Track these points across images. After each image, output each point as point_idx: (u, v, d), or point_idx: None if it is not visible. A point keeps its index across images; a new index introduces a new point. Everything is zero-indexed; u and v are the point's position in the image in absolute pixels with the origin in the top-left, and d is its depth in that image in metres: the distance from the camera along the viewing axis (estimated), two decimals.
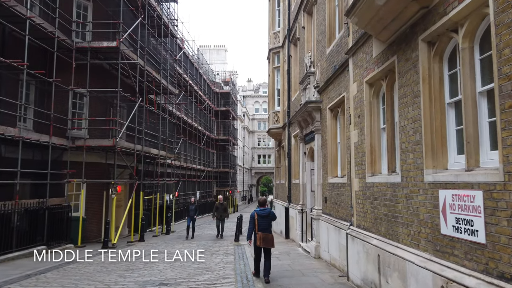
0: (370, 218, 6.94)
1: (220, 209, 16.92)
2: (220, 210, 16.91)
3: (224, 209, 17.04)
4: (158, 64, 20.64)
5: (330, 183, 10.14)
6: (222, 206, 17.05)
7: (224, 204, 17.18)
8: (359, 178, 7.51)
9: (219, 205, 17.04)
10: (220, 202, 17.21)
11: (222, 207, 17.00)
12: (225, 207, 17.22)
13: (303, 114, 12.28)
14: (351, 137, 8.06)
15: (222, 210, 16.96)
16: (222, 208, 16.99)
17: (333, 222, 9.59)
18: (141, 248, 13.91)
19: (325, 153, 10.73)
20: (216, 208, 16.98)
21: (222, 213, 16.96)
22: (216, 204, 17.18)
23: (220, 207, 16.97)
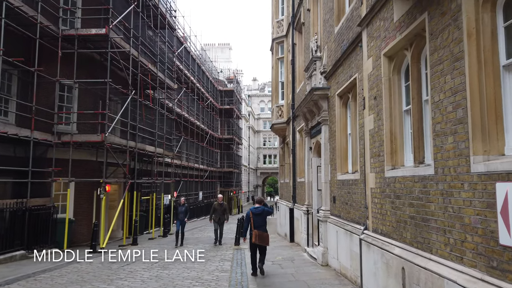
0: (390, 221, 5.63)
1: (218, 211, 14.50)
2: (218, 212, 14.49)
3: (223, 210, 14.55)
4: (154, 57, 19.47)
5: (340, 180, 8.84)
6: (222, 207, 14.59)
7: (223, 205, 14.68)
8: (376, 172, 6.21)
9: (217, 206, 14.63)
10: (219, 202, 14.74)
11: (221, 208, 14.55)
12: (225, 208, 14.60)
13: (308, 104, 11.00)
14: (365, 124, 6.76)
15: (221, 212, 14.50)
16: (221, 209, 14.53)
17: (343, 225, 8.28)
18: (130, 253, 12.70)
19: (334, 146, 9.43)
20: (214, 209, 14.67)
21: (221, 215, 14.50)
22: (214, 204, 14.84)
23: (218, 209, 14.55)
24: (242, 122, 57.33)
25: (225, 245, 14.89)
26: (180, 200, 15.64)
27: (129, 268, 9.93)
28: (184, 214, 14.85)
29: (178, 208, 15.02)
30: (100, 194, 13.48)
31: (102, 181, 13.61)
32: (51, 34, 13.66)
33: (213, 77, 42.43)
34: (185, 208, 15.00)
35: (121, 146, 14.93)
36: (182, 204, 15.13)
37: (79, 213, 14.98)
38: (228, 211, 14.84)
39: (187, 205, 15.59)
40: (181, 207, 14.96)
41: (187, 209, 15.25)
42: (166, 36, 22.44)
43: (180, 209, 14.87)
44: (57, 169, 13.40)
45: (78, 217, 14.91)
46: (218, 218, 14.55)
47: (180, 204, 15.23)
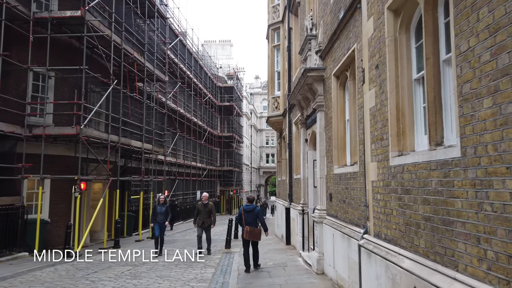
0: (397, 224, 4.30)
1: (203, 213, 11.75)
2: (203, 214, 11.73)
3: (208, 212, 11.73)
4: (142, 46, 18.22)
5: (337, 174, 7.51)
6: (206, 208, 11.76)
7: (209, 206, 11.84)
8: (378, 161, 4.87)
9: (201, 207, 11.82)
10: (204, 203, 11.89)
11: (205, 209, 11.75)
12: (210, 209, 11.80)
13: (303, 90, 9.67)
14: (365, 102, 5.42)
15: (206, 214, 11.74)
16: (206, 211, 11.75)
17: (340, 227, 6.95)
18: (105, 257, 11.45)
19: (330, 136, 8.10)
20: (197, 211, 11.87)
21: (206, 218, 11.72)
22: (197, 205, 12.08)
23: (203, 210, 11.75)
24: (243, 120, 56.04)
25: (214, 248, 13.59)
26: (159, 197, 12.55)
27: (94, 276, 8.64)
28: (165, 216, 12.03)
29: (157, 208, 12.14)
30: (75, 192, 12.22)
31: (76, 178, 12.34)
32: (22, 17, 12.43)
33: (212, 73, 41.16)
34: (166, 208, 12.17)
35: (100, 140, 13.66)
36: (162, 203, 12.28)
37: (55, 213, 13.75)
38: (215, 212, 12.05)
39: (168, 205, 12.76)
40: (160, 206, 12.15)
41: (169, 210, 12.30)
42: (156, 25, 21.21)
43: (160, 209, 12.08)
44: (28, 165, 12.16)
45: (55, 218, 13.69)
46: (202, 221, 11.74)
47: (159, 203, 12.34)
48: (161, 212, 12.01)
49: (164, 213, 12.08)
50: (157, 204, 12.38)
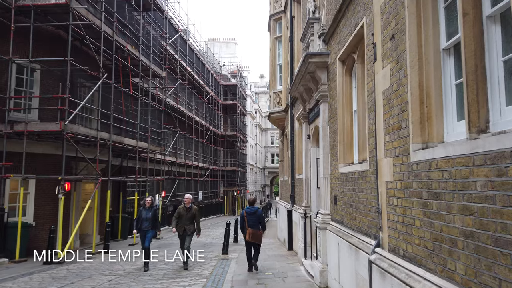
0: (421, 238, 3.26)
1: (184, 218, 9.81)
2: (184, 220, 9.80)
3: (191, 218, 9.90)
4: (137, 39, 17.31)
5: (342, 173, 6.48)
6: (189, 213, 9.87)
7: (192, 211, 9.94)
8: (394, 156, 3.84)
9: (183, 210, 9.90)
10: (186, 206, 9.93)
11: (188, 214, 9.85)
12: (194, 214, 9.96)
13: (305, 79, 8.65)
14: (377, 84, 4.39)
15: (188, 220, 9.84)
16: (189, 216, 9.85)
17: (346, 235, 5.93)
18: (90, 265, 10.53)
19: (335, 129, 7.08)
20: (178, 214, 9.91)
21: (188, 225, 9.83)
22: (178, 209, 10.08)
23: (185, 215, 9.83)
24: (248, 119, 55.10)
25: (211, 253, 12.62)
26: (145, 200, 10.23)
27: None
28: (151, 222, 9.86)
29: (142, 212, 9.94)
30: (59, 193, 11.30)
31: (60, 178, 11.42)
32: (3, 5, 11.57)
33: (215, 71, 40.24)
34: (153, 213, 9.98)
35: (89, 138, 12.74)
36: (147, 207, 9.99)
37: (41, 216, 12.87)
38: (199, 218, 10.20)
39: (156, 209, 10.48)
40: (146, 211, 9.91)
41: (157, 215, 10.26)
42: (154, 19, 20.31)
43: (145, 214, 9.87)
44: (8, 164, 11.28)
45: (40, 221, 12.81)
46: (183, 228, 9.81)
47: (144, 206, 10.05)
48: (146, 218, 9.86)
49: (150, 219, 9.88)
50: (142, 208, 10.14)
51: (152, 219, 9.94)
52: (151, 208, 10.12)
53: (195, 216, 10.02)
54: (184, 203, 10.08)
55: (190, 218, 9.93)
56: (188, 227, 9.88)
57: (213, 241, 16.88)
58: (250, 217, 9.44)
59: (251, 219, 9.41)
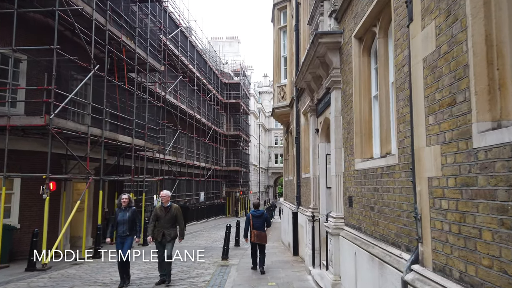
0: (496, 259, 2.25)
1: (163, 221, 7.93)
2: (163, 223, 7.92)
3: (171, 220, 7.96)
4: (133, 31, 16.37)
5: (359, 170, 5.48)
6: (168, 214, 7.97)
7: (172, 211, 8.02)
8: (443, 143, 2.83)
9: (161, 211, 8.01)
10: (165, 206, 8.04)
11: (167, 216, 7.95)
12: (175, 215, 8.03)
13: (313, 65, 7.66)
14: (414, 52, 3.37)
15: (168, 223, 7.93)
16: (168, 218, 7.94)
17: (365, 244, 4.92)
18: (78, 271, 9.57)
19: (349, 119, 6.07)
20: (155, 216, 8.06)
21: (168, 228, 7.92)
22: (155, 209, 8.22)
23: (163, 217, 7.95)
24: (251, 119, 54.18)
25: (209, 259, 11.64)
26: (121, 198, 8.13)
27: None
28: (129, 225, 7.82)
29: (118, 214, 7.97)
30: (43, 193, 10.36)
31: (45, 176, 10.48)
32: None
33: (217, 69, 39.28)
34: (131, 213, 7.90)
35: (78, 133, 11.79)
36: (125, 208, 7.95)
37: (26, 217, 11.95)
38: (182, 219, 8.25)
39: (135, 209, 8.25)
40: (123, 212, 7.90)
41: (136, 216, 8.08)
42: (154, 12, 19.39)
43: (121, 216, 7.84)
44: None
45: (26, 223, 11.89)
46: (161, 233, 7.87)
47: (121, 207, 8.01)
48: (123, 221, 7.77)
49: (128, 221, 7.78)
50: (118, 209, 8.16)
51: (130, 222, 7.87)
52: (129, 208, 8.02)
53: (176, 217, 8.06)
54: (162, 201, 8.08)
55: (170, 220, 7.96)
56: (168, 231, 7.92)
57: (213, 244, 15.92)
58: (256, 220, 9.54)
59: (257, 222, 9.50)
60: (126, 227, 7.84)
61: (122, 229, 7.82)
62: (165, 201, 8.11)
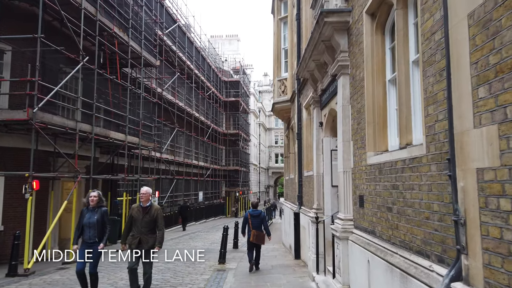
0: None
1: (140, 224, 6.42)
2: (140, 227, 6.40)
3: (149, 223, 6.44)
4: (127, 23, 15.64)
5: (373, 165, 4.75)
6: (147, 216, 6.45)
7: (153, 212, 6.50)
8: (502, 122, 2.09)
9: (138, 213, 6.48)
10: (143, 206, 6.53)
11: (145, 218, 6.44)
12: (155, 216, 6.49)
13: (317, 51, 6.92)
14: (452, 10, 2.62)
15: (145, 227, 6.41)
16: (146, 221, 6.43)
17: (382, 251, 4.18)
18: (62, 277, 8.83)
19: (360, 108, 5.33)
20: (131, 220, 6.53)
21: (145, 234, 6.40)
22: (132, 209, 6.67)
23: (140, 219, 6.43)
24: (251, 118, 53.46)
25: (205, 262, 10.91)
26: (88, 195, 6.72)
27: None
28: (98, 230, 6.48)
29: (86, 215, 6.54)
30: (25, 192, 9.63)
31: (27, 175, 9.75)
32: None
33: (216, 67, 38.55)
34: (100, 216, 6.53)
35: (65, 129, 11.06)
36: (93, 207, 6.57)
37: (11, 218, 11.23)
38: (163, 222, 6.68)
39: (106, 209, 6.85)
40: (91, 213, 6.52)
41: (106, 218, 6.70)
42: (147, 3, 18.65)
43: (89, 217, 6.48)
44: None
45: (10, 225, 11.17)
46: (137, 240, 6.32)
47: (89, 207, 6.61)
48: (90, 223, 6.40)
49: (96, 224, 6.42)
50: (84, 209, 6.68)
51: (99, 226, 6.45)
52: (98, 209, 6.53)
53: (156, 220, 6.46)
54: (140, 200, 6.56)
55: (149, 223, 6.37)
56: (146, 237, 6.31)
57: (211, 246, 15.17)
58: (254, 219, 9.68)
59: (255, 221, 9.65)
60: (94, 232, 6.40)
61: (89, 234, 6.41)
62: (144, 199, 6.52)
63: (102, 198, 6.82)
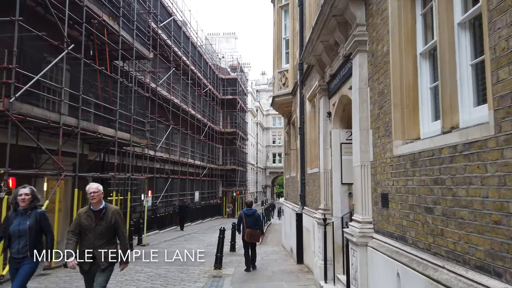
0: None
1: (93, 234, 4.68)
2: (92, 238, 4.67)
3: (106, 232, 4.74)
4: (117, 11, 14.72)
5: (403, 155, 3.87)
6: (104, 221, 4.73)
7: (111, 217, 4.75)
8: None
9: (88, 218, 4.70)
10: (95, 208, 4.76)
11: (102, 226, 4.71)
12: (113, 224, 4.76)
13: (327, 29, 6.05)
14: None
15: (99, 236, 4.68)
16: (102, 228, 4.71)
17: (421, 263, 3.29)
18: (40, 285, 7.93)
19: (382, 89, 4.46)
20: (77, 226, 4.71)
21: (101, 246, 4.66)
22: (78, 215, 4.87)
23: (92, 227, 4.68)
24: (249, 117, 52.57)
25: (200, 267, 10.03)
26: (17, 195, 4.88)
27: None
28: (33, 239, 4.81)
29: (13, 220, 4.84)
30: (1, 191, 8.70)
31: (2, 171, 8.82)
32: None
33: (213, 63, 37.64)
34: (34, 220, 4.84)
35: (47, 122, 10.12)
36: (24, 210, 4.85)
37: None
38: (125, 228, 5.00)
39: (44, 211, 5.13)
40: (20, 217, 4.83)
41: (45, 224, 4.98)
42: None
43: (17, 224, 4.80)
44: None
45: None
46: (91, 256, 4.63)
47: (18, 210, 4.88)
48: (19, 232, 4.77)
49: (29, 233, 4.79)
50: (11, 213, 5.03)
51: (34, 233, 4.83)
52: (32, 211, 4.90)
53: (116, 228, 4.79)
54: (91, 202, 4.78)
55: (104, 232, 4.71)
56: (99, 251, 4.62)
57: (207, 249, 14.24)
58: (248, 218, 9.83)
59: (249, 220, 9.78)
60: (25, 242, 4.74)
61: (18, 246, 4.75)
62: (96, 200, 4.71)
63: (37, 196, 5.06)
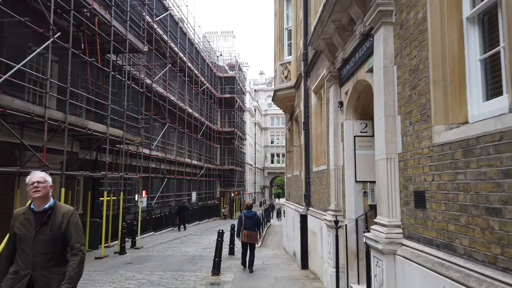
0: None
1: (31, 247, 3.05)
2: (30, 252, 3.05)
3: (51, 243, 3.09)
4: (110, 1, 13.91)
5: (448, 143, 3.08)
6: (49, 228, 3.10)
7: (60, 220, 3.13)
8: None
9: (26, 224, 3.08)
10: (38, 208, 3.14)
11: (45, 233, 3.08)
12: (63, 230, 3.13)
13: (341, 6, 5.32)
14: None
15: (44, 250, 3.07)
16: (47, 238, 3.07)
17: (482, 283, 2.51)
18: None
19: (416, 65, 3.67)
20: (14, 239, 3.13)
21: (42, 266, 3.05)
22: (13, 221, 3.14)
23: (30, 237, 3.06)
24: (247, 117, 51.76)
25: (196, 273, 9.22)
26: None
27: None
28: None
29: None
30: None
31: None
32: None
33: (211, 61, 36.84)
34: None
35: (30, 115, 9.30)
36: None
37: None
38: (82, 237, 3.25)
39: None
40: None
41: None
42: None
43: None
44: None
45: None
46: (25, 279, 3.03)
47: None
48: None
49: None
50: None
51: None
52: None
53: (68, 235, 3.19)
54: (32, 198, 3.18)
55: (50, 243, 3.13)
56: (45, 274, 3.09)
57: (204, 252, 13.50)
58: (248, 220, 9.84)
59: (248, 222, 9.79)
60: None
61: None
62: (42, 194, 3.16)
63: None
